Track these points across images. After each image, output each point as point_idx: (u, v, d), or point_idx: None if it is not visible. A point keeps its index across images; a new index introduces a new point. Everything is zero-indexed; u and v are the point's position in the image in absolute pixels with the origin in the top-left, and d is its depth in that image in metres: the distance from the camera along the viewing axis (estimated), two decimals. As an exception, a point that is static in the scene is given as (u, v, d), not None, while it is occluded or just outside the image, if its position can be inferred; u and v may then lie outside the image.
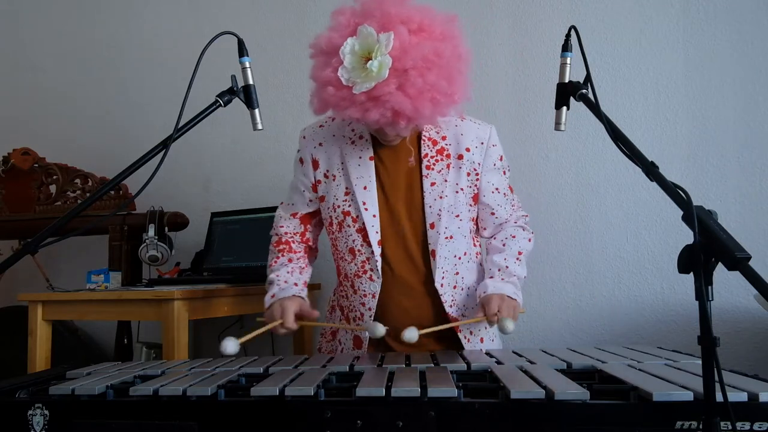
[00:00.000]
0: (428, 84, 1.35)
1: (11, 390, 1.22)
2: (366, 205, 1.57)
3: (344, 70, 1.36)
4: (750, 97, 2.17)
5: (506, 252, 1.64)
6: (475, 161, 1.61)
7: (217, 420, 1.08)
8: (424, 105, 1.36)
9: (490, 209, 1.65)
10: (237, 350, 1.30)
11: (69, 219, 1.29)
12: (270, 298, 1.59)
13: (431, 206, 1.57)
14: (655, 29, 2.27)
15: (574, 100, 1.31)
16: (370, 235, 1.56)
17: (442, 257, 1.57)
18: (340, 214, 1.60)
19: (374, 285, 1.58)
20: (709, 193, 2.18)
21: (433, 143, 1.60)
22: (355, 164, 1.59)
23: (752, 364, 2.08)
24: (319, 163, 1.64)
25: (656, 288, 2.22)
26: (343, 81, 1.36)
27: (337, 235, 1.62)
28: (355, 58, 1.36)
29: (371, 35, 1.35)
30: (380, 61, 1.33)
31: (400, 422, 1.00)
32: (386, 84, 1.33)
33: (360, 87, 1.35)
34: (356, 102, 1.36)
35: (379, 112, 1.35)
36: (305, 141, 1.67)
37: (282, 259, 1.68)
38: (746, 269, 0.83)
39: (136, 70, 3.04)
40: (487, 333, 1.69)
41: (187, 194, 2.85)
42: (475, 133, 1.62)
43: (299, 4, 2.74)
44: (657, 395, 0.95)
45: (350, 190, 1.59)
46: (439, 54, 1.37)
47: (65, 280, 2.74)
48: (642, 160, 1.07)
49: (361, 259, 1.59)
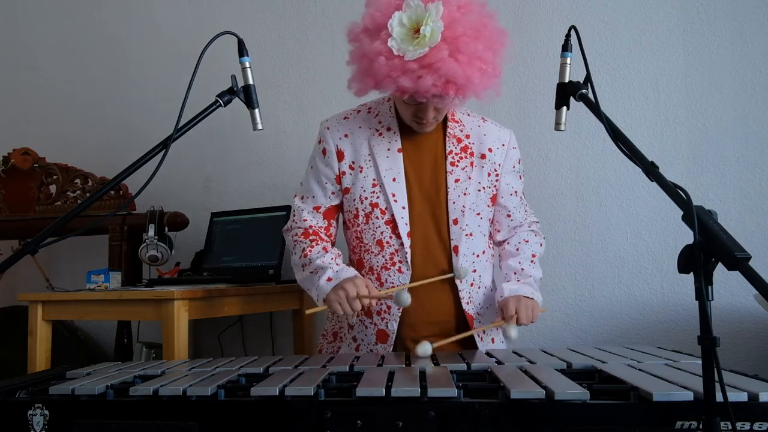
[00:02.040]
0: (477, 52, 1.37)
1: (11, 390, 1.22)
2: (395, 197, 1.57)
3: (394, 41, 1.37)
4: (750, 97, 2.17)
5: (520, 256, 1.67)
6: (497, 162, 1.63)
7: (217, 420, 1.08)
8: (473, 73, 1.37)
9: (506, 211, 1.68)
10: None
11: (69, 219, 1.29)
12: (326, 281, 1.52)
13: (455, 202, 1.58)
14: (655, 29, 2.27)
15: (574, 100, 1.31)
16: (400, 226, 1.56)
17: (463, 254, 1.59)
18: (368, 206, 1.59)
19: (403, 277, 1.58)
20: (709, 193, 2.18)
21: (457, 140, 1.62)
22: (384, 156, 1.59)
23: (752, 364, 2.08)
24: (344, 155, 1.63)
25: (656, 288, 2.22)
26: (395, 51, 1.36)
27: (363, 228, 1.61)
28: (404, 30, 1.37)
29: (419, 6, 1.37)
30: (432, 26, 1.35)
31: (400, 422, 1.00)
32: (438, 50, 1.35)
33: (413, 53, 1.35)
34: (408, 70, 1.36)
35: (432, 79, 1.35)
36: (329, 132, 1.65)
37: (317, 247, 1.61)
38: (746, 269, 0.83)
39: (136, 70, 3.04)
40: (498, 334, 1.71)
41: (187, 194, 2.85)
42: (496, 134, 1.65)
43: (299, 4, 2.74)
44: (657, 395, 0.95)
45: (378, 182, 1.58)
46: (485, 24, 1.40)
47: (65, 280, 2.74)
48: (642, 160, 1.07)
49: (390, 251, 1.58)
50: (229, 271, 2.46)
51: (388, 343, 1.62)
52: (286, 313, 2.60)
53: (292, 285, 2.45)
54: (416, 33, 1.36)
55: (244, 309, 2.30)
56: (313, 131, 2.81)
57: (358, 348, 1.67)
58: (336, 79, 2.63)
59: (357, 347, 1.67)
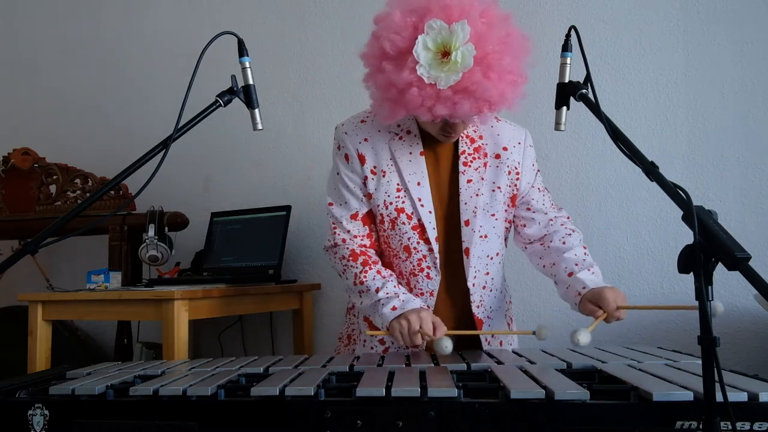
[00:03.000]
0: (507, 66, 1.34)
1: (11, 390, 1.22)
2: (422, 201, 1.53)
3: (423, 68, 1.32)
4: (750, 97, 2.17)
5: (575, 248, 1.58)
6: (515, 160, 1.60)
7: (217, 420, 1.08)
8: (506, 88, 1.34)
9: (534, 206, 1.64)
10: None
11: (69, 219, 1.29)
12: (391, 310, 1.43)
13: (467, 203, 1.55)
14: (655, 29, 2.27)
15: (574, 100, 1.31)
16: (428, 231, 1.53)
17: (475, 256, 1.56)
18: (393, 211, 1.55)
19: (432, 283, 1.56)
20: (709, 193, 2.18)
21: (470, 141, 1.59)
22: (407, 160, 1.55)
23: (752, 364, 2.08)
24: (366, 159, 1.56)
25: (656, 288, 2.22)
26: (425, 79, 1.32)
27: (390, 233, 1.57)
28: (431, 54, 1.32)
29: (443, 28, 1.31)
30: (462, 51, 1.30)
31: (400, 422, 1.00)
32: (471, 73, 1.31)
33: (446, 81, 1.31)
34: (442, 98, 1.32)
35: (470, 103, 1.32)
36: (348, 137, 1.58)
37: (371, 272, 1.52)
38: (746, 269, 0.83)
39: (136, 70, 3.04)
40: (506, 338, 1.69)
41: (187, 194, 2.85)
42: (511, 133, 1.63)
43: (299, 4, 2.74)
44: (657, 395, 0.95)
45: (402, 186, 1.54)
46: (510, 34, 1.36)
47: (65, 280, 2.73)
48: (642, 160, 1.07)
49: (418, 257, 1.55)
50: (229, 271, 2.46)
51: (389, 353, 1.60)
52: (286, 313, 2.60)
53: (292, 285, 2.46)
54: (444, 57, 1.31)
55: (244, 309, 2.30)
56: (313, 131, 2.81)
57: (372, 348, 1.66)
58: (336, 79, 2.63)
59: (371, 347, 1.66)
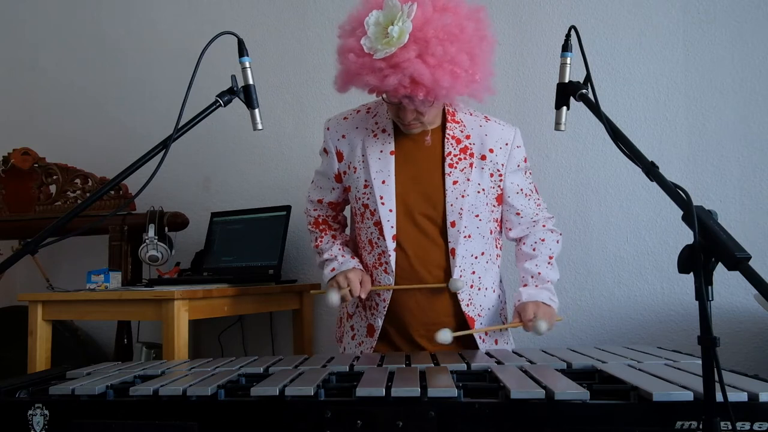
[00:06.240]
0: (449, 55, 1.36)
1: (11, 390, 1.22)
2: (383, 200, 1.58)
3: (367, 39, 1.39)
4: (750, 97, 2.17)
5: (537, 258, 1.65)
6: (499, 162, 1.61)
7: (217, 420, 1.08)
8: (443, 76, 1.36)
9: (514, 210, 1.67)
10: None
11: (69, 219, 1.29)
12: (330, 272, 1.64)
13: (453, 204, 1.57)
14: (655, 29, 2.27)
15: (574, 100, 1.31)
16: (385, 229, 1.57)
17: (460, 256, 1.58)
18: (361, 206, 1.63)
19: (388, 278, 1.60)
20: (709, 193, 2.18)
21: (456, 141, 1.61)
22: (376, 158, 1.60)
23: (752, 364, 2.08)
24: (343, 155, 1.66)
25: (656, 288, 2.22)
26: (365, 49, 1.38)
27: (360, 226, 1.66)
28: (379, 28, 1.38)
29: (395, 6, 1.37)
30: (400, 27, 1.35)
31: (400, 422, 1.00)
32: (406, 50, 1.35)
33: (380, 53, 1.37)
34: (375, 69, 1.38)
35: (398, 78, 1.36)
36: (329, 132, 1.68)
37: (326, 237, 1.74)
38: (746, 269, 0.83)
39: (136, 70, 3.04)
40: (501, 335, 1.71)
41: (187, 194, 2.85)
42: (499, 134, 1.63)
43: (299, 4, 2.74)
44: (657, 395, 0.95)
45: (369, 184, 1.60)
46: (462, 29, 1.39)
47: (65, 280, 2.73)
48: (642, 160, 1.07)
49: (378, 252, 1.61)
50: (229, 271, 2.46)
51: (374, 338, 1.64)
52: (286, 313, 2.60)
53: (292, 285, 2.46)
54: (388, 32, 1.38)
55: (244, 309, 2.30)
56: (313, 131, 2.81)
57: (354, 337, 1.72)
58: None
59: (353, 336, 1.72)
